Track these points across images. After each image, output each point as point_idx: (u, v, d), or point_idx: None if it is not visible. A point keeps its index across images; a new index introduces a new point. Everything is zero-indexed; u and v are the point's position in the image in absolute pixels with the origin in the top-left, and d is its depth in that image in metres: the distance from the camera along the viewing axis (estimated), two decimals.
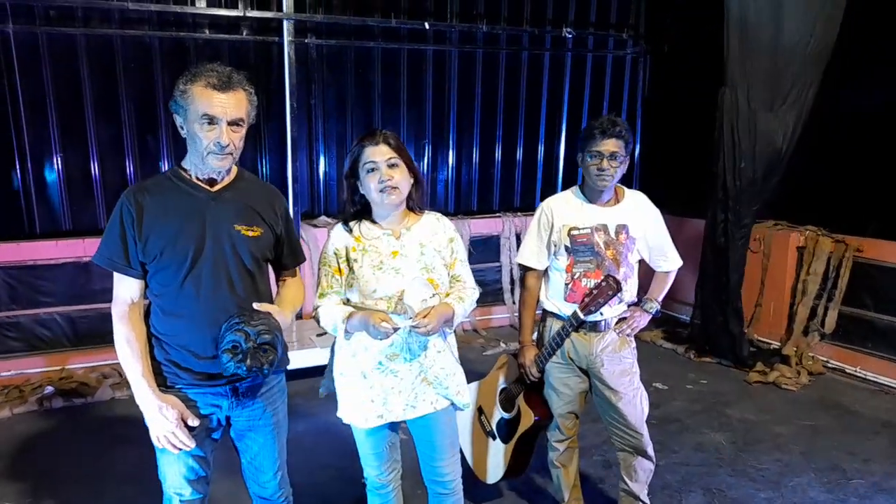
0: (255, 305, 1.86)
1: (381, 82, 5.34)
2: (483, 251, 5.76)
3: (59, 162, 4.53)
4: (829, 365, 4.70)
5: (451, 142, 5.71)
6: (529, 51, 5.79)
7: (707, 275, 4.87)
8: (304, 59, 5.01)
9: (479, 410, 2.92)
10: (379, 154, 2.03)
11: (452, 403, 2.24)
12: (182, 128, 1.85)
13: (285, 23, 4.76)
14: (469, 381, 2.96)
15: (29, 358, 4.42)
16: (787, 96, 4.33)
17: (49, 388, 4.19)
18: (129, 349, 1.86)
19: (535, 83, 5.88)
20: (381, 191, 2.03)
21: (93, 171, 4.61)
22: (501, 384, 2.78)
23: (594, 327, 2.45)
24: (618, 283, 2.26)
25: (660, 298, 2.55)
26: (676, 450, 3.51)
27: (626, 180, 6.29)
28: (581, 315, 2.34)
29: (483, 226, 5.71)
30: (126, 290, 1.88)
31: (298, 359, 4.28)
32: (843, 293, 4.61)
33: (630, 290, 2.47)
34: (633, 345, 2.54)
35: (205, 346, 1.86)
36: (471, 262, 5.57)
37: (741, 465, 3.37)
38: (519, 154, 5.98)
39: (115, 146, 4.63)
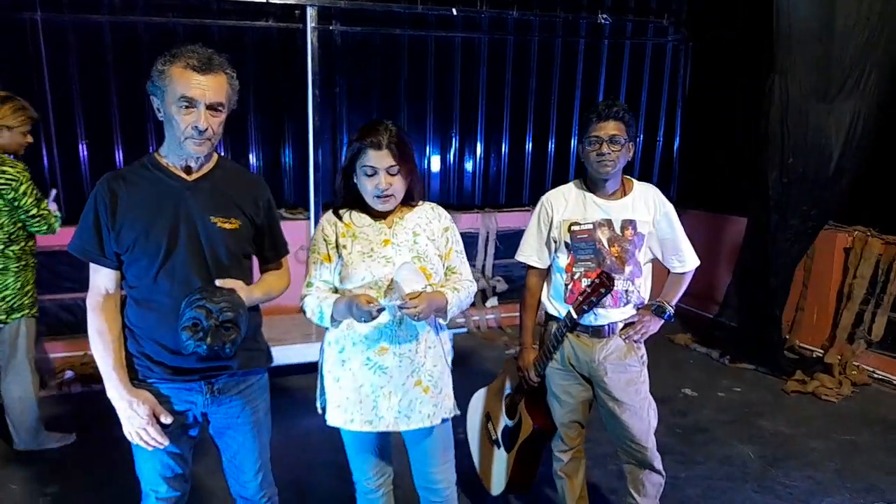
0: (218, 282, 1.77)
1: (407, 70, 5.23)
2: (511, 246, 5.57)
3: (84, 149, 4.57)
4: (875, 375, 4.38)
5: (479, 133, 5.56)
6: (563, 38, 5.57)
7: (746, 276, 4.60)
8: (328, 46, 4.92)
9: (487, 417, 2.78)
10: (380, 160, 1.91)
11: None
12: (159, 111, 1.77)
13: (309, 9, 4.67)
14: (486, 383, 2.87)
15: (51, 342, 4.49)
16: (843, 85, 4.03)
17: (69, 373, 4.25)
18: (100, 341, 1.79)
19: (569, 72, 5.67)
20: (376, 196, 1.94)
21: (117, 159, 4.63)
22: (507, 389, 2.64)
23: (597, 332, 2.27)
24: (611, 279, 2.07)
25: (673, 302, 2.35)
26: (700, 461, 3.30)
27: (665, 175, 6.19)
28: (574, 316, 2.18)
29: (511, 220, 5.55)
30: (101, 280, 1.81)
31: (311, 352, 4.22)
32: (894, 298, 4.28)
33: (639, 291, 2.28)
34: (642, 352, 2.34)
35: (177, 340, 1.78)
36: (497, 257, 5.62)
37: (769, 480, 3.14)
38: (551, 146, 5.79)
39: (139, 133, 4.64)
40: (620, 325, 2.30)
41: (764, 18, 4.29)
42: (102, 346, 1.79)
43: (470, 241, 5.51)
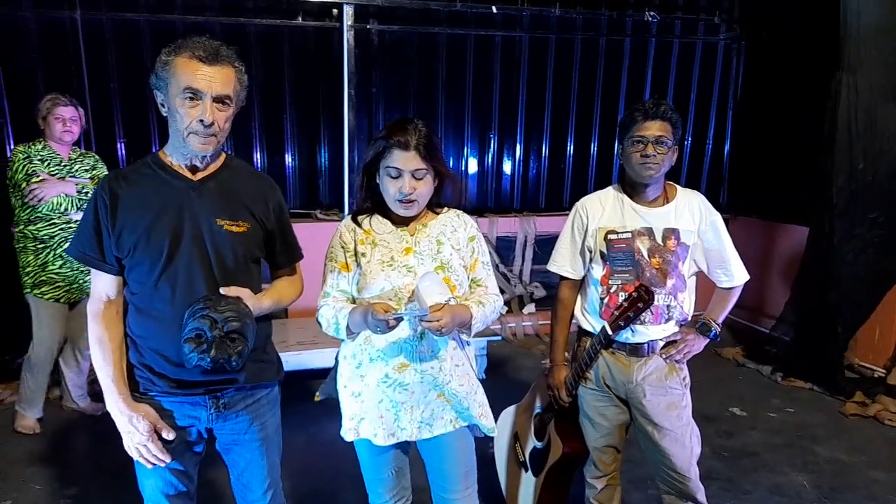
0: (223, 290, 1.66)
1: (445, 70, 5.09)
2: (550, 251, 5.37)
3: (122, 148, 4.58)
4: None
5: (518, 134, 5.38)
6: (608, 37, 5.35)
7: (806, 289, 4.30)
8: (364, 45, 4.83)
9: (515, 437, 2.61)
10: (406, 162, 1.77)
11: (473, 426, 1.98)
12: (163, 106, 1.66)
13: (346, 7, 4.60)
14: (522, 393, 2.70)
15: None
16: None
17: None
18: (100, 350, 1.70)
19: (613, 73, 5.44)
20: (398, 200, 1.80)
21: None
22: (537, 408, 2.46)
23: (635, 351, 2.08)
24: (650, 293, 1.89)
25: (719, 320, 2.15)
26: (748, 490, 3.05)
27: (715, 181, 5.90)
28: (609, 332, 2.00)
29: (550, 224, 5.34)
30: (102, 286, 1.71)
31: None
32: None
33: (682, 307, 2.08)
34: (685, 373, 2.15)
35: (180, 352, 1.67)
36: (535, 263, 5.41)
37: None
38: (593, 148, 5.57)
39: None
40: (661, 344, 2.10)
41: (827, 13, 4.00)
42: (102, 357, 1.69)
43: (507, 245, 5.36)
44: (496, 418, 2.64)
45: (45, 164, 3.34)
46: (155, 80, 1.65)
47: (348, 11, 4.62)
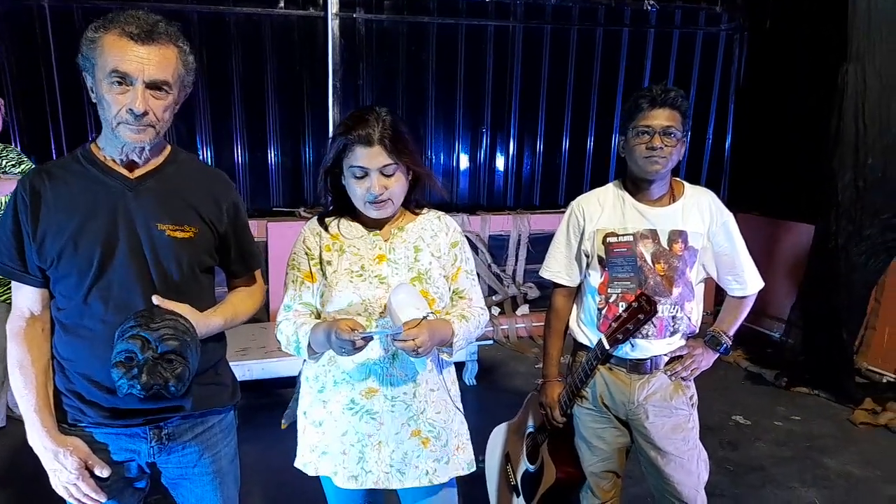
0: (156, 299, 1.42)
1: (435, 61, 4.88)
2: (545, 251, 5.17)
3: None
4: None
5: (512, 129, 5.18)
6: (605, 27, 5.15)
7: (812, 291, 4.10)
8: (351, 35, 4.62)
9: (507, 457, 2.39)
10: (371, 159, 1.54)
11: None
12: (92, 91, 1.43)
13: None
14: (512, 405, 2.49)
15: None
16: None
17: None
18: (21, 376, 1.46)
19: (610, 64, 5.25)
20: (369, 202, 1.58)
21: None
22: (529, 427, 2.25)
23: (636, 367, 1.87)
24: (652, 303, 1.68)
25: (730, 331, 1.94)
26: None
27: (715, 176, 5.70)
28: (606, 346, 1.79)
29: (545, 222, 5.15)
30: (23, 300, 1.48)
31: None
32: None
33: (689, 318, 1.88)
34: (692, 392, 1.94)
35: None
36: (529, 262, 5.20)
37: None
38: (590, 143, 5.37)
39: None
40: (665, 360, 1.89)
41: (834, 2, 3.80)
42: (23, 383, 1.46)
43: (500, 244, 5.17)
44: (492, 426, 2.44)
45: None
46: (81, 61, 1.42)
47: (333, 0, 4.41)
